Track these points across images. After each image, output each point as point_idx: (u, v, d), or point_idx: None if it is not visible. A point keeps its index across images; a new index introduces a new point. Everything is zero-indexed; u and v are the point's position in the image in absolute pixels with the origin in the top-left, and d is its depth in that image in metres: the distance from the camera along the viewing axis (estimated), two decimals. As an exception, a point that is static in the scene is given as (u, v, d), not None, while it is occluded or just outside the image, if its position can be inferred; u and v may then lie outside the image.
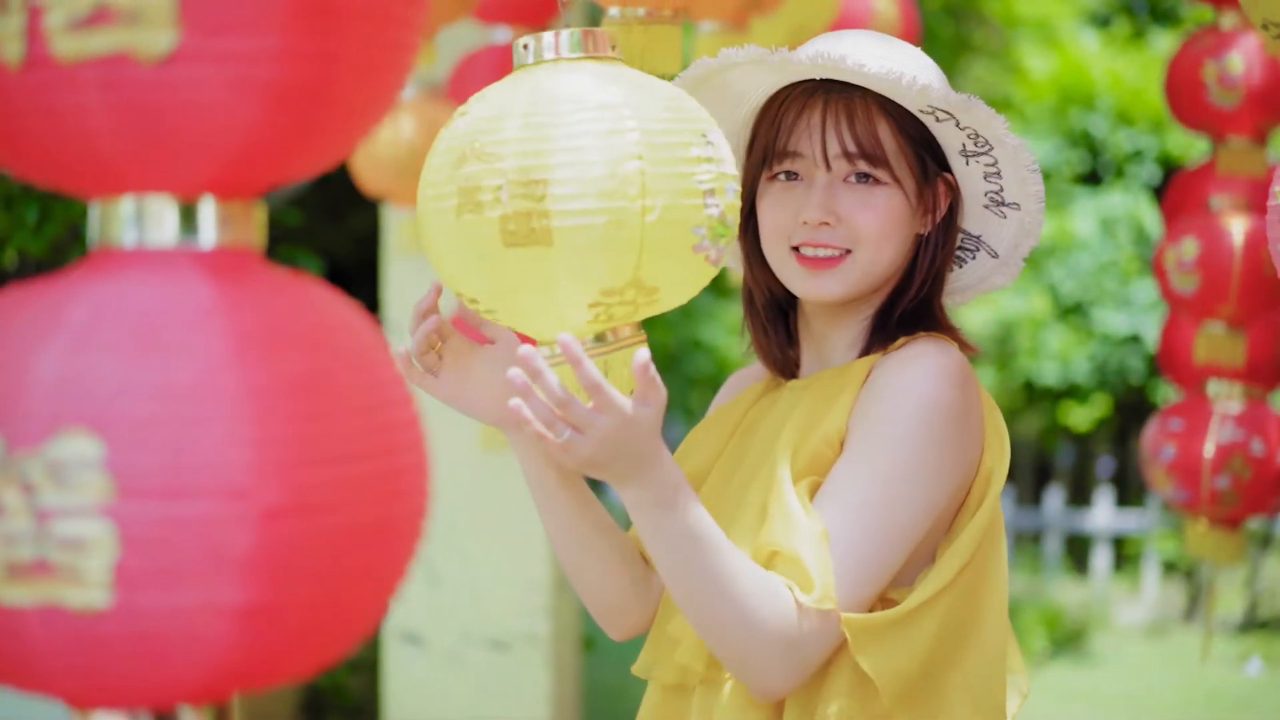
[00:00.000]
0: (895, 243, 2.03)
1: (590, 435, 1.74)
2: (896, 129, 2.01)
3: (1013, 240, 2.12)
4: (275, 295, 1.21)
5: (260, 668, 1.19)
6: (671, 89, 1.79)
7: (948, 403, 1.95)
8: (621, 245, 1.68)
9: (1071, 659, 8.75)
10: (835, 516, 1.90)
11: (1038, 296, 10.93)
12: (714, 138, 1.75)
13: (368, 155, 4.83)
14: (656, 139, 1.68)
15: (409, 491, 1.26)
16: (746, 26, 3.54)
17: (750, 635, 1.85)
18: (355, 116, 1.27)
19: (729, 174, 1.75)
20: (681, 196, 1.69)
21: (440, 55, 5.06)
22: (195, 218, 1.21)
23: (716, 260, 1.75)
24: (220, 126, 1.18)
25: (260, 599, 1.15)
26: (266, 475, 1.14)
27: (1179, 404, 4.61)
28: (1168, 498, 4.61)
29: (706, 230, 1.71)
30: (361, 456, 1.20)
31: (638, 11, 2.54)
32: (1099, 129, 11.01)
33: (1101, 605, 9.74)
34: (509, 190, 1.67)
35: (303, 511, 1.15)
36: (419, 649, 5.79)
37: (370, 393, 1.23)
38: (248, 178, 1.23)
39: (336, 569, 1.18)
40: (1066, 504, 10.76)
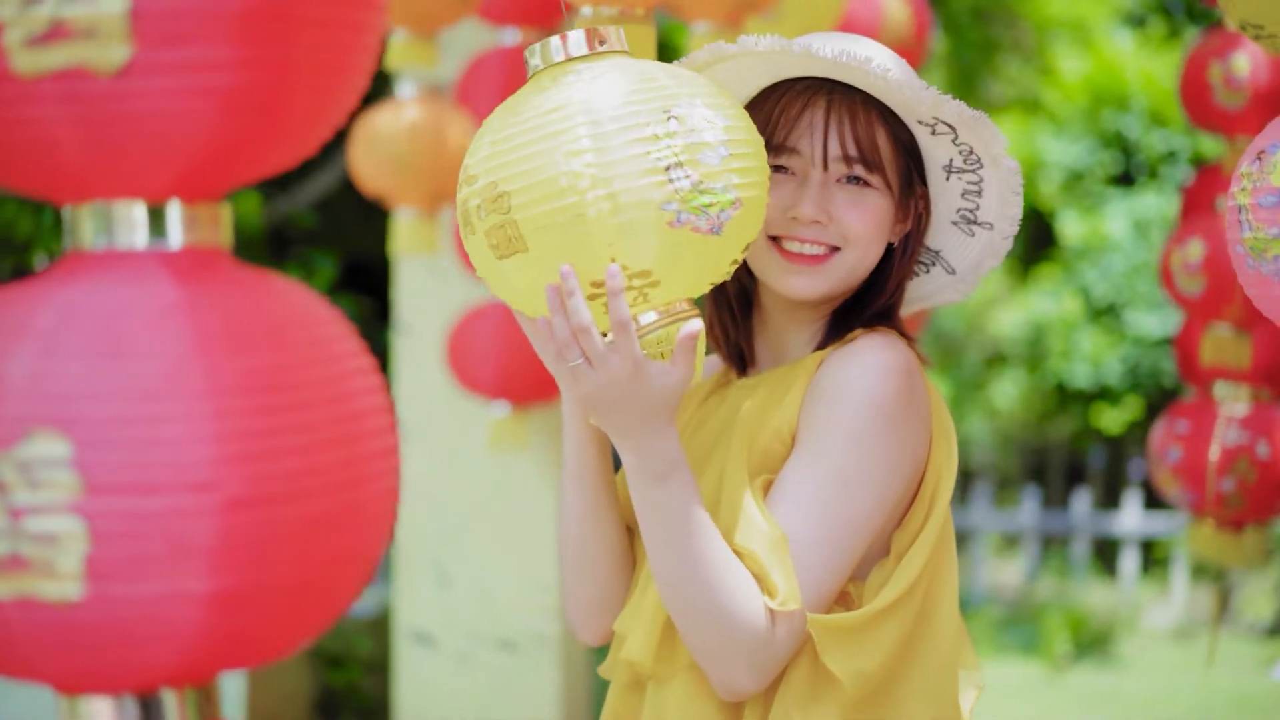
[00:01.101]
0: (878, 247, 2.05)
1: (599, 371, 1.79)
2: (891, 137, 2.03)
3: (976, 259, 2.14)
4: (239, 293, 1.26)
5: (232, 651, 1.25)
6: (650, 69, 1.81)
7: (893, 396, 1.96)
8: (587, 238, 1.73)
9: (1097, 662, 8.72)
10: (791, 517, 1.92)
11: (1070, 298, 10.90)
12: (681, 111, 1.77)
13: (368, 155, 4.85)
14: (607, 128, 1.73)
15: (374, 477, 1.30)
16: (741, 26, 3.54)
17: (720, 625, 1.88)
18: (313, 119, 1.31)
19: (705, 142, 1.76)
20: (637, 179, 1.72)
21: (447, 56, 5.08)
22: (164, 220, 1.25)
23: (715, 229, 1.78)
24: (178, 133, 1.22)
25: (227, 586, 1.20)
26: (229, 468, 1.19)
27: (1186, 406, 4.60)
28: (1174, 500, 4.59)
29: (679, 204, 1.74)
30: (324, 446, 1.25)
31: (610, 10, 2.54)
32: (1132, 130, 10.96)
33: (1130, 608, 9.69)
34: (485, 208, 1.75)
35: (266, 501, 1.21)
36: (430, 649, 5.81)
37: (332, 384, 1.27)
38: (211, 180, 1.27)
39: (303, 555, 1.24)
40: (1097, 507, 10.70)
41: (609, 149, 1.72)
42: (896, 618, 1.96)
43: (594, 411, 1.85)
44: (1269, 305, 2.18)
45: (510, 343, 4.80)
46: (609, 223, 1.72)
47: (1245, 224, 2.14)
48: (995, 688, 8.20)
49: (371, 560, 1.33)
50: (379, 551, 1.33)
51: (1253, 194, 2.12)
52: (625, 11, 2.55)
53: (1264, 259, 2.09)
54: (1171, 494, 4.54)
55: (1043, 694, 8.14)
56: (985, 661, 8.56)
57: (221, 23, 1.19)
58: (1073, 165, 11.12)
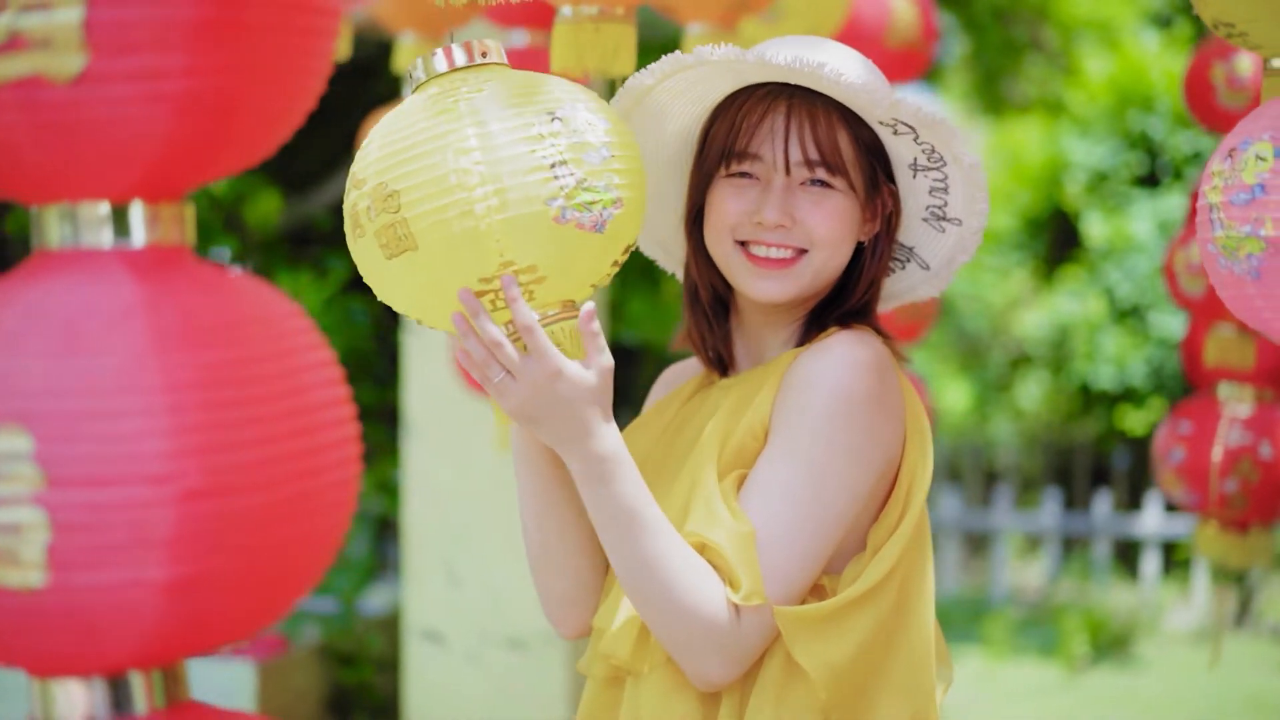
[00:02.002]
0: (845, 247, 2.07)
1: (522, 381, 1.83)
2: (853, 138, 2.04)
3: (948, 254, 2.15)
4: (197, 290, 1.30)
5: (194, 635, 1.30)
6: (532, 78, 1.86)
7: (862, 391, 1.98)
8: (476, 234, 1.77)
9: (1115, 663, 8.69)
10: (762, 511, 1.94)
11: (1094, 300, 10.85)
12: (564, 113, 1.82)
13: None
14: (493, 127, 1.78)
15: (330, 467, 1.34)
16: (736, 28, 3.54)
17: (682, 621, 1.91)
18: (266, 122, 1.36)
19: (587, 143, 1.82)
20: (523, 175, 1.78)
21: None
22: (127, 219, 1.29)
23: (598, 226, 1.84)
24: (134, 138, 1.26)
25: (185, 573, 1.25)
26: (186, 460, 1.23)
27: (1189, 406, 4.59)
28: (1178, 500, 4.59)
29: (564, 200, 1.80)
30: (279, 438, 1.29)
31: (590, 10, 2.56)
32: (1157, 131, 10.91)
33: (1151, 610, 9.66)
34: (374, 208, 1.78)
35: (223, 492, 1.25)
36: (439, 648, 5.83)
37: (288, 378, 1.31)
38: (171, 181, 1.31)
39: (259, 543, 1.28)
40: (1119, 509, 10.67)
41: (496, 147, 1.77)
42: (867, 610, 1.98)
43: (529, 423, 1.88)
44: (1241, 305, 2.17)
45: (517, 343, 4.81)
46: (497, 218, 1.77)
47: (1217, 223, 2.14)
48: (1012, 689, 8.21)
49: (329, 547, 1.37)
50: (336, 539, 1.37)
51: (1224, 192, 2.12)
52: (605, 11, 2.56)
53: (1236, 258, 2.10)
54: (1176, 495, 4.54)
55: (1059, 695, 8.12)
56: (1003, 663, 8.59)
57: (173, 32, 1.23)
58: (1097, 166, 11.07)
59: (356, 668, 6.33)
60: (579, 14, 2.56)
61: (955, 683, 7.99)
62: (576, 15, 2.56)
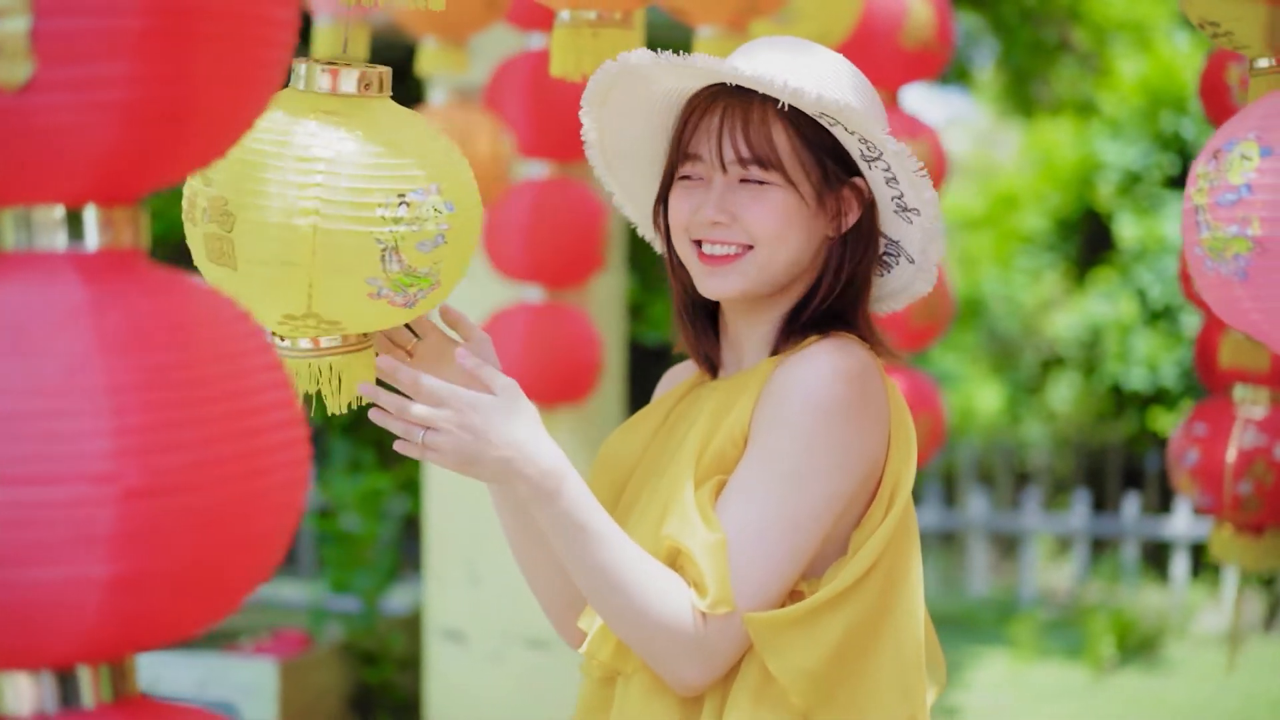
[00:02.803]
0: (794, 242, 2.06)
1: (443, 430, 1.86)
2: (794, 133, 2.04)
3: (921, 245, 2.14)
4: (146, 294, 1.32)
5: (137, 631, 1.32)
6: (402, 138, 1.90)
7: (842, 400, 1.98)
8: (292, 286, 1.83)
9: (1143, 666, 8.67)
10: (736, 518, 1.95)
11: (1126, 301, 10.83)
12: (414, 198, 1.87)
13: (399, 161, 4.91)
14: (341, 197, 1.82)
15: (274, 469, 1.36)
16: (747, 30, 3.55)
17: (647, 630, 1.92)
18: (218, 127, 1.38)
19: (424, 233, 1.87)
20: (354, 254, 1.83)
21: (477, 62, 5.13)
22: (82, 223, 1.32)
23: (409, 304, 1.89)
24: (83, 144, 1.28)
25: (126, 572, 1.26)
26: (127, 460, 1.25)
27: (1204, 408, 4.58)
28: (1193, 503, 4.57)
29: (384, 282, 1.86)
30: (223, 439, 1.31)
31: (589, 14, 2.57)
32: (1189, 132, 10.86)
33: (1180, 613, 9.63)
34: (210, 214, 1.84)
35: (164, 492, 1.27)
36: (461, 647, 5.86)
37: (233, 381, 1.33)
38: (124, 186, 1.33)
39: (201, 541, 1.30)
40: (1150, 511, 10.64)
41: (336, 219, 1.82)
42: (841, 613, 1.98)
43: (473, 466, 1.90)
44: (1228, 308, 2.18)
45: (537, 344, 4.85)
46: (316, 279, 1.82)
47: (1203, 224, 2.15)
48: (1038, 690, 8.21)
49: (274, 548, 1.39)
50: (282, 539, 1.39)
51: (1210, 193, 2.13)
52: (604, 16, 2.57)
53: (1223, 259, 2.10)
54: (1191, 497, 4.52)
55: (1085, 697, 8.11)
56: (1029, 665, 8.57)
57: (121, 40, 1.25)
58: (1129, 167, 11.04)
59: (378, 666, 6.37)
60: (577, 18, 2.57)
61: (981, 685, 7.99)
62: (575, 20, 2.57)
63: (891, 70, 4.67)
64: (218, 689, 5.64)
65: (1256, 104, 2.14)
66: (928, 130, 4.70)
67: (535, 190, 4.95)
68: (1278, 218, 2.02)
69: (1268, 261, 2.04)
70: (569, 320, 4.96)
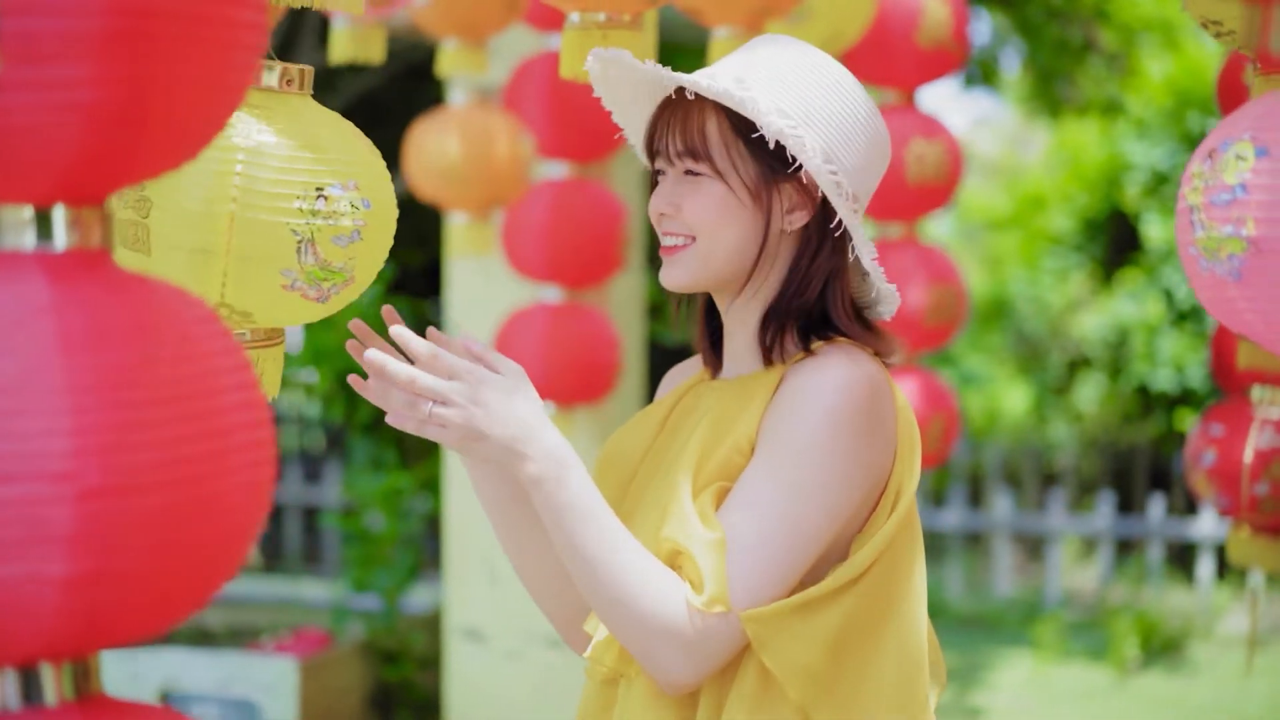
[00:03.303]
0: (730, 233, 2.07)
1: (455, 401, 1.86)
2: (729, 128, 2.06)
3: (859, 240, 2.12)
4: (110, 294, 1.32)
5: (97, 630, 1.32)
6: (322, 136, 1.92)
7: (853, 413, 1.98)
8: (206, 274, 1.84)
9: (1167, 667, 8.65)
10: (739, 522, 1.95)
11: (1152, 302, 10.80)
12: (332, 192, 1.88)
13: (420, 163, 4.94)
14: (260, 187, 1.83)
15: (237, 469, 1.36)
16: (762, 30, 3.56)
17: (640, 623, 1.92)
18: (187, 130, 1.38)
19: (340, 228, 1.88)
20: (270, 244, 1.84)
21: (496, 61, 5.15)
22: (50, 223, 1.33)
23: (321, 299, 1.90)
24: (48, 145, 1.29)
25: (84, 570, 1.26)
26: (86, 459, 1.25)
27: (1221, 408, 4.57)
28: (1210, 504, 4.56)
29: (299, 274, 1.86)
30: (186, 439, 1.31)
31: (598, 17, 2.58)
32: (1216, 132, 10.83)
33: (1205, 614, 9.60)
34: (126, 198, 1.85)
35: (124, 491, 1.27)
36: (480, 646, 5.88)
37: (196, 381, 1.33)
38: (91, 186, 1.33)
39: (163, 542, 1.30)
40: (1177, 512, 10.61)
41: (254, 208, 1.83)
42: (837, 607, 1.97)
43: (476, 443, 1.90)
44: (1222, 308, 2.18)
45: (555, 345, 4.86)
46: (231, 268, 1.83)
47: (1198, 224, 2.14)
48: (1060, 692, 8.19)
49: (237, 549, 1.39)
50: (245, 540, 1.39)
51: (1205, 193, 2.12)
52: (613, 18, 2.58)
53: (1217, 259, 2.10)
54: (1207, 498, 4.51)
55: (1108, 698, 8.09)
56: (1053, 666, 8.56)
57: (83, 42, 1.25)
58: (1156, 167, 11.02)
59: (399, 665, 6.39)
60: (587, 20, 2.58)
61: (1004, 686, 7.97)
62: (584, 22, 2.58)
63: (908, 70, 4.68)
64: (239, 687, 5.66)
65: (1252, 104, 2.13)
66: (944, 130, 4.70)
67: (554, 190, 4.96)
68: (1272, 218, 2.02)
69: (1262, 262, 2.03)
70: (588, 320, 4.97)
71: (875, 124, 2.10)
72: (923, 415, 4.58)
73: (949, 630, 9.63)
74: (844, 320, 2.11)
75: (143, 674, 5.72)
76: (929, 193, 4.63)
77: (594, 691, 2.18)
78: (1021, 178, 14.57)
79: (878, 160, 2.12)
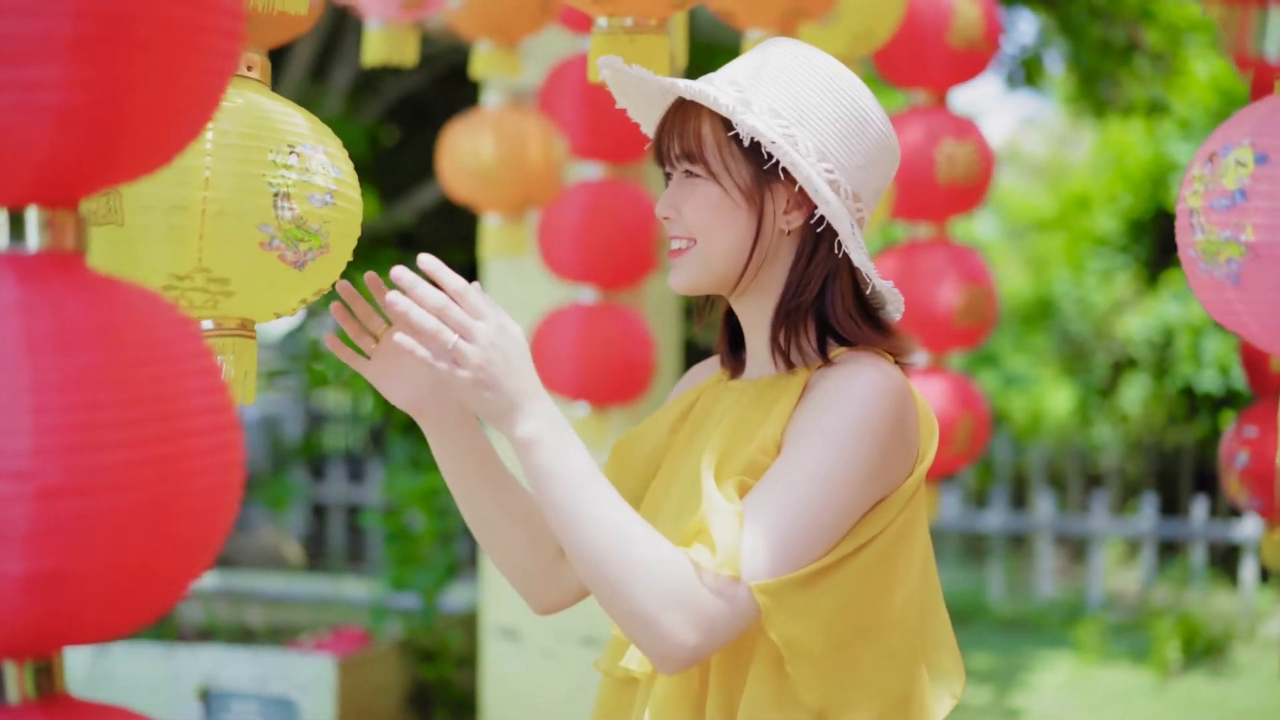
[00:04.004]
0: (725, 234, 2.08)
1: (476, 339, 1.84)
2: (723, 129, 2.07)
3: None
4: (79, 295, 1.33)
5: (58, 629, 1.33)
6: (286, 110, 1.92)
7: (882, 420, 1.98)
8: (182, 231, 1.81)
9: (1209, 670, 8.61)
10: (761, 503, 1.93)
11: (1197, 303, 10.74)
12: (304, 150, 1.88)
13: (453, 164, 4.96)
14: (231, 140, 1.82)
15: (200, 473, 1.36)
16: (794, 32, 3.57)
17: (643, 585, 1.87)
18: (157, 134, 1.39)
19: (314, 185, 1.87)
20: (247, 194, 1.82)
21: (531, 63, 5.17)
22: (24, 224, 1.34)
23: (298, 264, 1.87)
24: (18, 146, 1.30)
25: (43, 569, 1.27)
26: (46, 459, 1.26)
27: (1254, 410, 4.54)
28: (1243, 505, 4.54)
29: (275, 229, 1.84)
30: (150, 441, 1.32)
31: (625, 21, 2.59)
32: (1262, 132, 10.77)
33: (1249, 617, 9.55)
34: None
35: (85, 491, 1.28)
36: (516, 645, 5.91)
37: (165, 383, 1.34)
38: (64, 188, 1.35)
39: (125, 542, 1.30)
40: (1221, 514, 10.56)
41: (229, 159, 1.81)
42: (835, 581, 1.96)
43: (483, 390, 1.86)
44: (1220, 309, 2.19)
45: (590, 345, 4.88)
46: (207, 223, 1.81)
47: (1197, 227, 2.15)
48: (1101, 694, 8.16)
49: (201, 551, 1.39)
50: (210, 542, 1.39)
51: (1204, 197, 2.13)
52: (640, 22, 2.60)
53: (1216, 262, 2.11)
54: (1240, 499, 4.49)
55: (1149, 701, 8.06)
56: (1093, 668, 8.53)
57: (54, 44, 1.26)
58: (1202, 168, 10.96)
59: (436, 664, 6.42)
60: (614, 25, 2.60)
61: (1045, 688, 7.95)
62: (612, 26, 2.60)
63: (939, 70, 4.68)
64: (277, 685, 5.71)
65: (1253, 108, 2.14)
66: (975, 131, 4.70)
67: (589, 191, 4.98)
68: (1271, 224, 2.02)
69: (1260, 266, 2.04)
70: (622, 320, 4.99)
71: (878, 122, 2.10)
72: (952, 415, 4.58)
73: (990, 631, 9.61)
74: (844, 320, 2.10)
75: (182, 672, 5.77)
76: (960, 193, 4.63)
77: (611, 690, 2.20)
78: (1066, 178, 14.52)
79: (884, 159, 2.12)
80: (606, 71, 2.15)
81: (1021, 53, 10.55)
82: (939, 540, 11.20)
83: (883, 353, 2.10)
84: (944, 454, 4.57)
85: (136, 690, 5.78)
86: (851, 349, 2.09)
